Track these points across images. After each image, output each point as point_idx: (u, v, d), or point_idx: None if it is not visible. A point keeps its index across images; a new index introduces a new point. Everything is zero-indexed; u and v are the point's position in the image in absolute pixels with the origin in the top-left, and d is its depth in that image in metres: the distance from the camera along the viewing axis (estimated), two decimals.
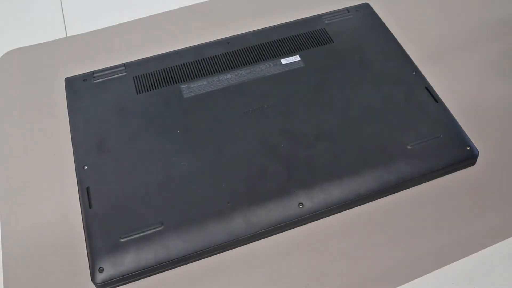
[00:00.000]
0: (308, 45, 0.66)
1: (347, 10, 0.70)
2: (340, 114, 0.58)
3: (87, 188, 0.52)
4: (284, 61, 0.64)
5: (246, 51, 0.65)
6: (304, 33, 0.67)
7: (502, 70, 0.67)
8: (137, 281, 0.49)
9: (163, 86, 0.61)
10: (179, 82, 0.62)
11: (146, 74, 0.63)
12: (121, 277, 0.47)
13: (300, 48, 0.65)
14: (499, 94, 0.64)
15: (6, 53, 0.71)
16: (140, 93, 0.61)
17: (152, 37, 0.72)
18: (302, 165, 0.53)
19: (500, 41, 0.70)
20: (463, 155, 0.55)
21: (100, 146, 0.55)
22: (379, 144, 0.55)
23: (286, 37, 0.67)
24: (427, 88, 0.61)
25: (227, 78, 0.62)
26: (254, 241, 0.51)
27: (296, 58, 0.64)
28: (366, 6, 0.72)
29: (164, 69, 0.63)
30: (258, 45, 0.66)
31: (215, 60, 0.64)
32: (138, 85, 0.61)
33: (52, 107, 0.63)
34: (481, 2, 0.76)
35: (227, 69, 0.63)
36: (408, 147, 0.55)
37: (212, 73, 0.62)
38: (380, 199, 0.54)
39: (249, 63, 0.63)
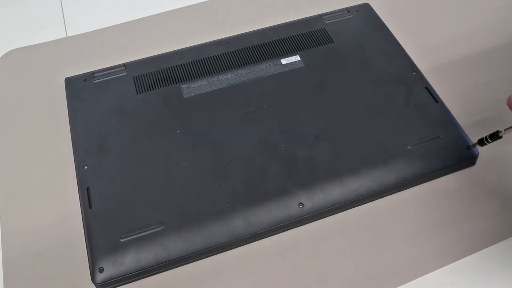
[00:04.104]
0: (308, 45, 0.66)
1: (347, 10, 0.70)
2: (340, 114, 0.58)
3: (87, 188, 0.52)
4: (284, 61, 0.64)
5: (246, 51, 0.65)
6: (304, 33, 0.67)
7: (502, 70, 0.67)
8: (137, 281, 0.49)
9: (163, 86, 0.61)
10: (179, 82, 0.62)
11: (146, 74, 0.63)
12: (121, 277, 0.47)
13: (300, 48, 0.65)
14: (499, 94, 0.64)
15: (6, 53, 0.71)
16: (140, 93, 0.61)
17: (152, 37, 0.72)
18: (302, 165, 0.53)
19: (500, 41, 0.70)
20: (463, 155, 0.55)
21: (100, 146, 0.55)
22: (379, 144, 0.55)
23: (286, 37, 0.67)
24: (427, 88, 0.61)
25: (227, 78, 0.62)
26: (254, 241, 0.51)
27: (296, 58, 0.64)
28: (366, 6, 0.72)
29: (164, 69, 0.63)
30: (258, 45, 0.66)
31: (215, 60, 0.64)
32: (138, 85, 0.61)
33: (52, 107, 0.63)
34: (481, 2, 0.76)
35: (227, 69, 0.63)
36: (408, 147, 0.55)
37: (212, 73, 0.62)
38: (380, 199, 0.54)
39: (249, 63, 0.63)
